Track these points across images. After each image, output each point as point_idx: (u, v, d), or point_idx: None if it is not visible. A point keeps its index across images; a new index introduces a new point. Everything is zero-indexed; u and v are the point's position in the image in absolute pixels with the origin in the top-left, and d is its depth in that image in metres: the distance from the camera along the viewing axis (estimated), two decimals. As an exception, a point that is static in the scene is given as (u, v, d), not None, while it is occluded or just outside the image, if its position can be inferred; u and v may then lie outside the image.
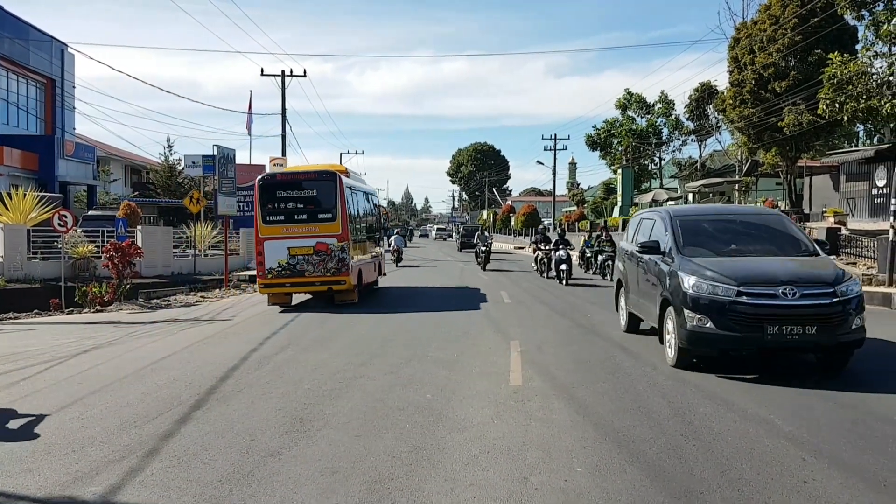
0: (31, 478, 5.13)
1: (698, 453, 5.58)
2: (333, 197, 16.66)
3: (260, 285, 16.78)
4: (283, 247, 16.30)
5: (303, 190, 16.86)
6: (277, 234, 16.41)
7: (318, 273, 16.31)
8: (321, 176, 17.22)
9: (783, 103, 28.28)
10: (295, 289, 16.87)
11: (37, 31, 35.32)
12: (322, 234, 16.39)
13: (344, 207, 16.68)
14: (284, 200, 16.68)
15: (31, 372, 9.13)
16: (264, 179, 17.27)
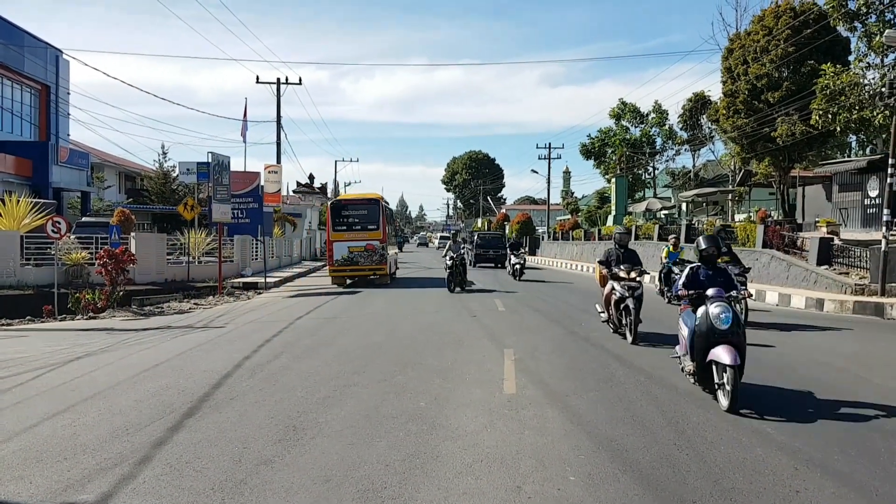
0: (22, 485, 5.10)
1: (691, 462, 5.59)
2: (377, 214, 25.59)
3: (330, 270, 25.85)
4: (344, 246, 25.02)
5: (357, 209, 25.67)
6: (341, 238, 25.09)
7: (367, 263, 25.09)
8: (369, 201, 26.19)
9: (776, 114, 28.42)
10: (352, 273, 25.39)
11: (32, 37, 35.30)
12: (370, 238, 25.06)
13: (384, 221, 25.71)
14: (346, 216, 25.52)
15: (22, 379, 9.09)
16: (334, 202, 27.47)
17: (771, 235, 23.53)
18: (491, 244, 39.97)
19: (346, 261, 25.03)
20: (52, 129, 36.95)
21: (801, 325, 14.27)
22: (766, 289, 20.46)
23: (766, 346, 11.35)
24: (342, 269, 25.18)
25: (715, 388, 7.47)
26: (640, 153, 54.46)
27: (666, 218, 48.16)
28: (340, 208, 26.07)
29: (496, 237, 42.00)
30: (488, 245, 39.86)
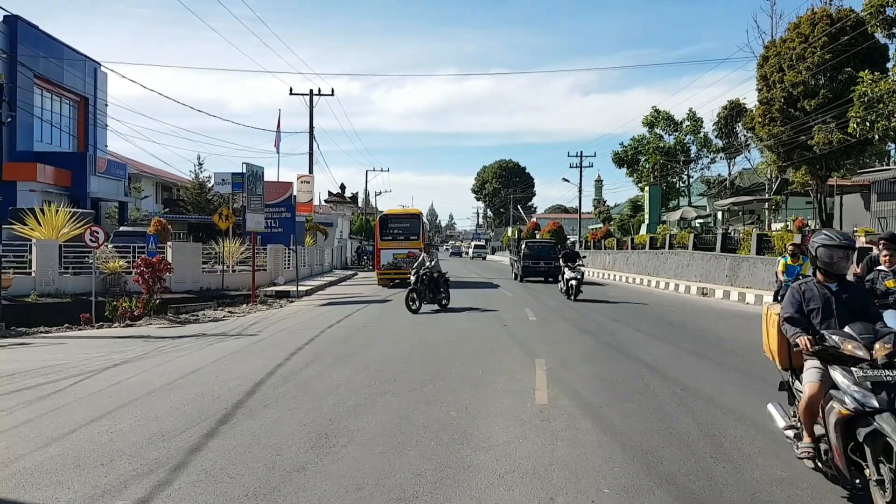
0: (60, 490, 5.18)
1: (728, 476, 5.50)
2: (418, 227, 31.03)
3: (377, 273, 31.13)
4: (390, 253, 30.13)
5: (401, 223, 31.42)
6: (388, 247, 30.26)
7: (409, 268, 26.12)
8: (412, 215, 32.76)
9: (813, 121, 27.98)
10: (396, 276, 29.64)
11: (71, 50, 36.08)
12: (411, 247, 29.51)
13: (423, 233, 30.94)
14: (392, 228, 31.00)
15: (61, 385, 9.25)
16: (382, 216, 33.21)
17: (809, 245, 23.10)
18: (541, 255, 34.06)
19: (391, 266, 30.13)
20: (90, 140, 37.70)
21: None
22: (804, 299, 20.06)
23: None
24: (388, 272, 30.26)
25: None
26: (675, 161, 53.95)
27: (701, 227, 47.58)
28: (387, 221, 31.83)
29: (547, 247, 35.42)
30: (538, 255, 34.08)
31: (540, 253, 34.34)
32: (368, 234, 71.68)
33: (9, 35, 30.25)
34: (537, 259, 33.82)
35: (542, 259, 33.58)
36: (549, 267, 32.83)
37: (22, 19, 31.18)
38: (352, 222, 69.00)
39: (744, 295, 23.50)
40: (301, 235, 33.36)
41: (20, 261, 22.44)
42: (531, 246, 35.68)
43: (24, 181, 30.41)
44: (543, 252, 34.32)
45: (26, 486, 5.29)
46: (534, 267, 33.74)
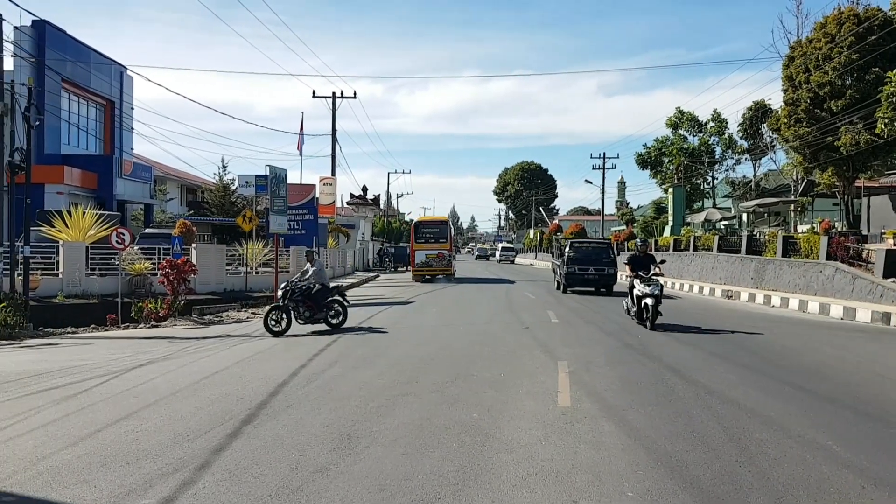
0: (86, 489, 5.24)
1: (754, 480, 5.43)
2: (446, 231, 37.40)
3: (412, 270, 36.85)
4: (423, 253, 36.05)
5: (432, 228, 37.50)
6: (421, 248, 36.23)
7: (438, 266, 36.18)
8: (441, 222, 38.74)
9: (839, 122, 27.62)
10: (428, 272, 35.92)
11: (98, 54, 36.58)
12: (440, 249, 36.36)
13: (451, 236, 37.48)
14: (425, 232, 37.06)
15: (87, 385, 9.37)
16: (416, 222, 39.61)
17: (835, 247, 22.84)
18: (591, 259, 27.96)
19: (423, 264, 36.20)
20: (116, 143, 38.19)
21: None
22: (831, 302, 19.84)
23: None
24: (421, 269, 36.30)
25: None
26: (699, 162, 53.51)
27: (726, 229, 47.11)
28: (420, 227, 38.22)
29: (599, 248, 29.12)
30: (587, 260, 27.88)
31: (589, 256, 28.07)
32: (390, 236, 71.96)
33: (37, 40, 30.74)
34: (585, 264, 27.64)
35: (592, 264, 27.64)
36: (599, 274, 27.44)
37: (50, 24, 31.66)
38: (373, 224, 69.21)
39: (769, 297, 23.24)
40: (323, 237, 33.54)
41: (48, 262, 22.78)
42: (578, 248, 28.81)
43: (52, 183, 30.90)
44: (594, 255, 28.20)
45: (54, 484, 5.36)
46: (581, 274, 27.45)
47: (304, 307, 15.35)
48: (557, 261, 30.86)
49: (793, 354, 12.05)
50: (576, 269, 27.45)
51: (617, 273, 27.67)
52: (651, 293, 14.98)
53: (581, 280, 27.45)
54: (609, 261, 27.76)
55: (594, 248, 29.25)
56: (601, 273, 27.41)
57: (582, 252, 28.33)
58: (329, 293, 15.76)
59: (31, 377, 10.04)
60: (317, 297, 15.53)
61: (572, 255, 28.01)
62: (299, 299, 15.32)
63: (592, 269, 27.41)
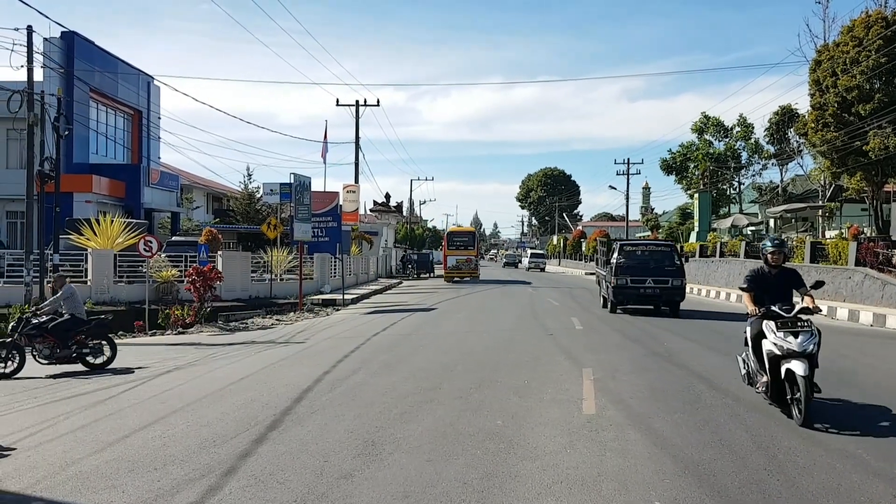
0: (115, 494, 5.30)
1: (782, 488, 5.36)
2: (473, 240, 44.58)
3: (444, 273, 43.58)
4: (454, 259, 42.63)
5: (462, 237, 44.24)
6: (452, 254, 42.74)
7: (466, 269, 42.54)
8: (469, 232, 45.72)
9: (868, 127, 27.24)
10: (457, 275, 42.45)
11: (125, 64, 37.11)
12: (468, 254, 43.00)
13: (477, 243, 45.46)
14: (455, 240, 43.81)
15: (115, 391, 9.48)
16: (449, 232, 47.79)
17: (864, 253, 22.50)
18: (649, 266, 20.81)
19: (454, 268, 43.24)
20: (143, 152, 38.68)
21: None
22: (860, 308, 19.54)
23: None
24: (452, 272, 43.29)
25: None
26: (725, 168, 53.04)
27: (753, 234, 46.58)
28: (452, 236, 45.44)
29: (661, 253, 21.74)
30: (644, 268, 20.74)
31: (645, 263, 20.90)
32: (413, 243, 72.13)
33: (66, 51, 31.25)
34: (641, 273, 20.45)
35: (651, 274, 20.41)
36: (661, 288, 20.31)
37: (79, 35, 32.19)
38: (396, 231, 69.38)
39: (797, 304, 22.92)
40: (347, 244, 33.68)
41: (76, 270, 23.09)
42: (631, 252, 21.62)
43: (81, 192, 31.35)
44: (652, 262, 20.92)
45: (83, 488, 5.42)
46: (635, 288, 20.41)
47: (43, 343, 12.07)
48: (603, 269, 23.74)
49: (821, 361, 11.85)
50: (628, 282, 20.35)
51: (685, 285, 21.00)
52: (801, 350, 7.56)
53: (635, 296, 20.46)
54: (674, 269, 20.56)
55: (653, 251, 21.86)
56: (663, 286, 20.24)
57: (636, 257, 21.18)
58: (82, 324, 12.33)
59: (60, 383, 10.17)
60: (59, 329, 12.09)
61: (623, 261, 20.77)
62: (34, 333, 12.03)
63: (651, 281, 20.18)
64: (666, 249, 21.93)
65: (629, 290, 20.42)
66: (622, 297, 20.64)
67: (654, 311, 20.91)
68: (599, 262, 26.76)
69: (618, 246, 21.81)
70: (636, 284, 20.28)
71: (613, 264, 20.79)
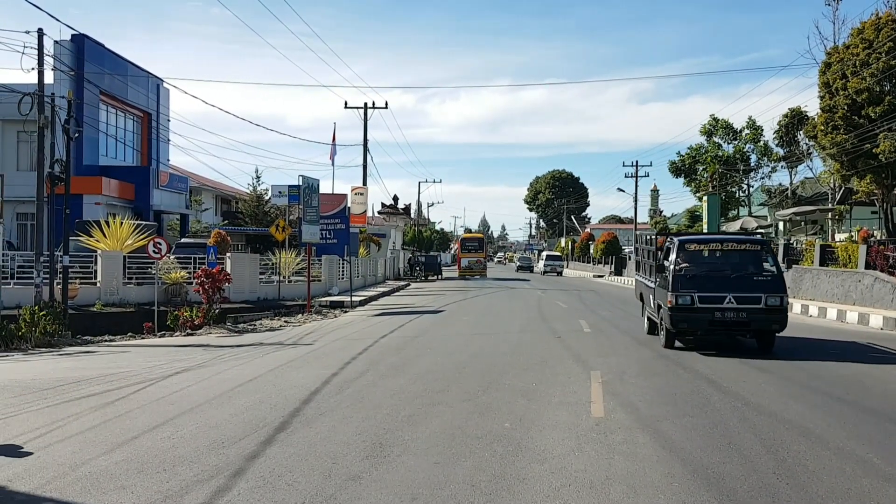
0: (124, 495, 5.32)
1: (792, 492, 5.33)
2: (483, 244, 58.14)
3: (459, 271, 54.91)
4: (467, 260, 53.66)
5: (473, 242, 56.23)
6: (465, 256, 53.88)
7: (477, 269, 52.84)
8: (479, 238, 59.48)
9: (878, 129, 27.10)
10: (469, 273, 52.34)
11: (135, 67, 37.27)
12: (479, 256, 54.13)
13: (486, 248, 60.85)
14: (468, 244, 55.60)
15: (124, 392, 9.51)
16: (463, 237, 61.83)
17: (874, 256, 22.38)
18: (729, 274, 13.34)
19: (467, 267, 53.20)
20: (153, 154, 38.83)
21: None
22: (870, 311, 19.43)
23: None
24: (465, 271, 53.15)
25: None
26: (734, 170, 52.87)
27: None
28: (465, 241, 57.00)
29: (746, 252, 13.97)
30: (722, 279, 13.21)
31: (722, 270, 13.56)
32: (421, 245, 72.22)
33: (76, 53, 31.41)
34: (716, 288, 13.01)
35: (732, 287, 12.99)
36: (749, 310, 12.78)
37: (89, 38, 32.35)
38: (404, 233, 69.46)
39: (807, 307, 22.83)
40: (355, 246, 33.71)
41: (86, 271, 23.20)
42: (696, 252, 13.92)
43: (90, 194, 31.49)
44: (732, 268, 13.57)
45: (92, 489, 5.44)
46: (707, 310, 12.84)
47: None
48: (650, 278, 15.43)
49: (832, 365, 11.81)
50: (694, 300, 12.80)
51: (787, 305, 13.11)
52: None
53: (707, 322, 12.85)
54: (768, 279, 13.09)
55: (732, 251, 13.96)
56: (752, 307, 12.70)
57: (707, 261, 13.80)
58: None
59: (70, 384, 10.21)
60: None
61: (687, 267, 13.32)
62: None
63: (732, 300, 12.73)
64: (753, 248, 13.99)
65: (697, 315, 12.71)
66: (687, 323, 12.86)
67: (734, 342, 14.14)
68: (642, 266, 17.20)
69: (676, 243, 13.72)
70: (709, 305, 12.65)
71: (670, 272, 13.11)
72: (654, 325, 15.11)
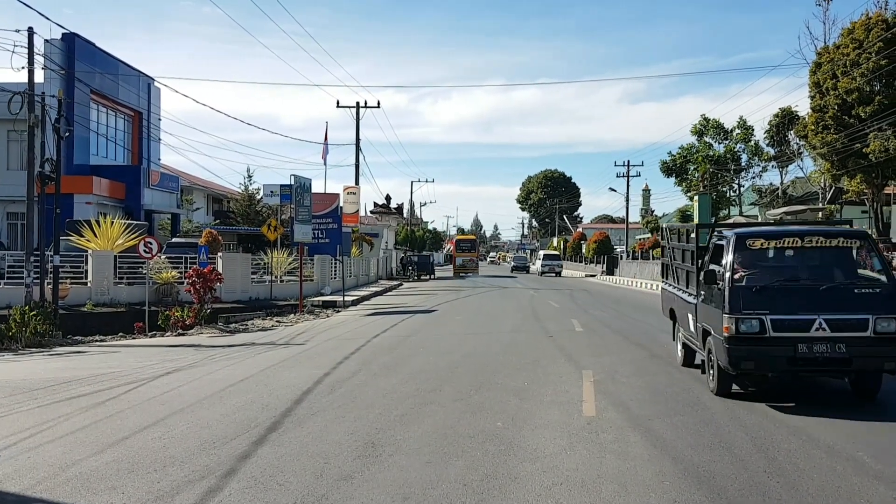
0: (115, 495, 5.30)
1: (782, 491, 5.36)
2: (475, 244, 66.86)
3: (454, 269, 60.39)
4: (461, 259, 60.25)
5: (467, 243, 63.94)
6: (460, 255, 60.71)
7: (470, 267, 59.25)
8: (472, 239, 67.92)
9: (868, 129, 27.27)
10: (463, 271, 58.02)
11: (126, 66, 37.11)
12: (472, 255, 61.25)
13: (478, 248, 71.43)
14: (462, 245, 63.11)
15: (115, 393, 9.47)
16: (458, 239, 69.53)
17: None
18: (814, 285, 8.49)
19: (461, 266, 58.77)
20: (144, 153, 38.67)
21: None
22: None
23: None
24: (459, 269, 58.33)
25: None
26: (725, 170, 53.05)
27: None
28: (460, 241, 64.04)
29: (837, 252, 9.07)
30: (806, 292, 8.42)
31: (802, 279, 8.76)
32: (413, 245, 72.22)
33: (67, 52, 31.23)
34: (800, 308, 8.20)
35: (821, 305, 8.20)
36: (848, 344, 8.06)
37: (79, 36, 32.19)
38: (397, 233, 69.36)
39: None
40: (347, 246, 33.70)
41: (77, 271, 23.09)
42: (761, 251, 8.99)
43: (81, 194, 31.33)
44: (814, 274, 8.88)
45: (82, 490, 5.42)
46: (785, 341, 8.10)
47: None
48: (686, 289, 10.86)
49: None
50: (767, 326, 8.17)
51: None
52: None
53: (785, 360, 8.18)
54: (878, 292, 8.49)
55: (814, 251, 9.17)
56: (855, 335, 8.15)
57: (779, 265, 9.24)
58: None
59: (60, 384, 10.17)
60: None
61: (749, 273, 8.72)
62: None
63: (824, 324, 8.11)
64: (848, 244, 9.24)
65: (771, 349, 8.26)
66: (754, 362, 8.36)
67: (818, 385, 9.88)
68: (672, 270, 12.35)
69: (732, 239, 9.04)
70: (789, 333, 8.19)
71: (726, 282, 8.58)
72: (691, 354, 10.90)
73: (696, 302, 9.88)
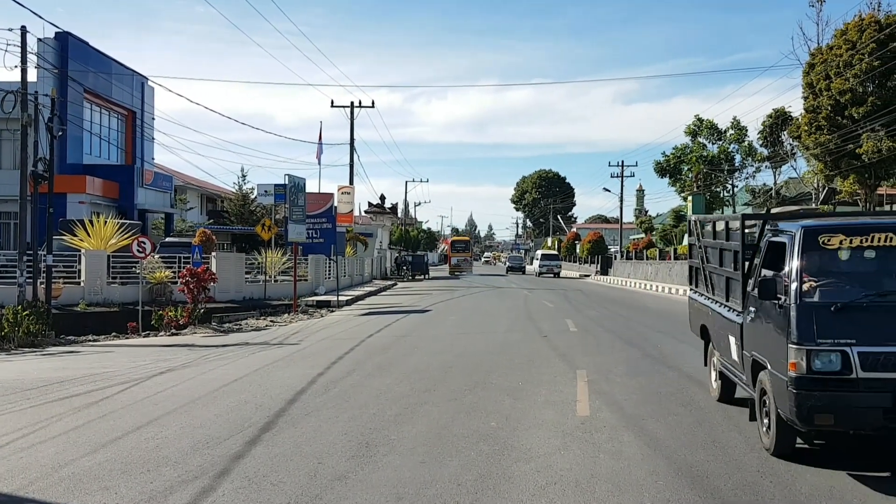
0: (108, 496, 5.28)
1: (775, 490, 5.38)
2: (469, 245, 74.25)
3: (449, 268, 64.83)
4: (456, 258, 64.78)
5: (461, 244, 69.31)
6: (455, 255, 65.43)
7: (465, 267, 62.91)
8: (467, 240, 76.17)
9: (861, 129, 27.37)
10: (458, 270, 61.51)
11: (119, 65, 36.99)
12: (466, 255, 66.02)
13: (471, 247, 76.19)
14: (457, 245, 68.41)
15: (108, 393, 9.44)
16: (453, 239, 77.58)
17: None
18: None
19: (456, 265, 62.40)
20: (137, 153, 38.55)
21: None
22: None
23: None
24: (454, 268, 62.03)
25: None
26: (718, 170, 53.18)
27: None
28: (455, 242, 68.99)
29: None
30: None
31: None
32: (408, 245, 72.35)
33: (60, 51, 31.12)
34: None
35: None
36: None
37: (73, 36, 32.07)
38: (391, 233, 69.32)
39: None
40: (341, 246, 33.61)
41: (70, 271, 23.01)
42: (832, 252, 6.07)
43: (74, 193, 31.21)
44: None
45: (75, 490, 5.40)
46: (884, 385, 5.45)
47: None
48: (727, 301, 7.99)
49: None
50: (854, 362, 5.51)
51: None
52: None
53: (881, 412, 5.48)
54: None
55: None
56: None
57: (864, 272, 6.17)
58: None
59: (53, 384, 10.14)
60: None
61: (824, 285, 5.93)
62: None
63: None
64: None
65: (860, 395, 5.54)
66: (834, 412, 5.59)
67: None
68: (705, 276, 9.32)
69: (798, 236, 6.20)
70: (885, 374, 5.50)
71: (792, 297, 5.88)
72: (730, 387, 8.33)
73: (743, 321, 7.16)
